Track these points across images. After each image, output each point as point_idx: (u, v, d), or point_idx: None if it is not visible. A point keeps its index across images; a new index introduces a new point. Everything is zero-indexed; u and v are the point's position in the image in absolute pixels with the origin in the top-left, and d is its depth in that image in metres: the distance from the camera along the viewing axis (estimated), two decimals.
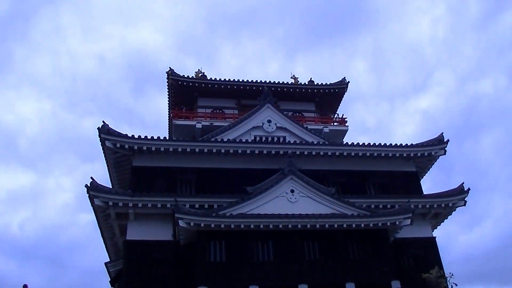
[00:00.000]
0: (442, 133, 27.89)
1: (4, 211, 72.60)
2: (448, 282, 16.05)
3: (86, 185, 22.33)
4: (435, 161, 28.41)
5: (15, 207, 75.92)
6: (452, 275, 16.02)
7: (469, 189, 26.11)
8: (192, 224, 21.07)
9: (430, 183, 71.38)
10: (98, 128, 24.09)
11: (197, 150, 24.76)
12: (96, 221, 24.54)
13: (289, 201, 23.02)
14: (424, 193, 27.02)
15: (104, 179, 25.72)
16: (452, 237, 70.32)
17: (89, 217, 79.23)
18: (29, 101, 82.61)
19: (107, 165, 26.12)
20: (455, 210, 26.70)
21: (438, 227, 28.16)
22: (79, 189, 58.53)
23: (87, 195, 22.46)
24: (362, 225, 22.80)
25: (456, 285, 15.76)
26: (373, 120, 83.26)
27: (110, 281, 25.83)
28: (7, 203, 73.33)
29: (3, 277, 61.11)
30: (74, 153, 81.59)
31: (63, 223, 75.47)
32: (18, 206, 76.45)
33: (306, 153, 25.78)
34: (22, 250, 70.16)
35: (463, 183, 26.41)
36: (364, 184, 26.70)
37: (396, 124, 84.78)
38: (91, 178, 22.65)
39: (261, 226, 21.73)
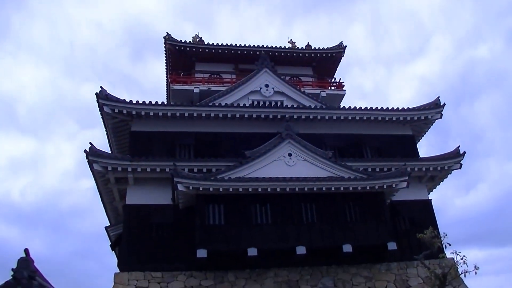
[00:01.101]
0: (439, 97, 27.99)
1: (5, 178, 73.10)
2: (442, 242, 16.36)
3: (85, 151, 22.49)
4: (431, 124, 28.58)
5: (16, 174, 76.45)
6: (446, 235, 16.32)
7: (464, 152, 26.35)
8: (191, 188, 21.32)
9: (427, 147, 71.93)
10: (96, 94, 24.12)
11: (195, 114, 24.86)
12: (96, 186, 24.75)
13: (287, 165, 23.24)
14: (421, 156, 27.29)
15: (104, 146, 25.87)
16: (448, 201, 71.20)
17: (89, 182, 79.92)
18: (27, 68, 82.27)
19: (106, 131, 26.23)
20: (450, 173, 26.98)
21: (434, 190, 28.56)
22: (79, 155, 58.92)
23: (87, 160, 22.61)
24: (359, 188, 23.08)
25: (450, 244, 16.05)
26: (371, 85, 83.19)
27: (110, 245, 26.23)
28: (8, 170, 73.79)
29: (5, 243, 62.09)
30: (73, 120, 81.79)
31: (63, 189, 76.20)
32: (19, 173, 77.00)
33: (303, 117, 25.91)
34: (23, 216, 71.03)
35: (459, 146, 26.65)
36: (361, 148, 26.90)
37: (393, 89, 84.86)
38: (90, 143, 22.82)
39: (259, 190, 21.98)
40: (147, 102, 24.55)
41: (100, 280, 65.43)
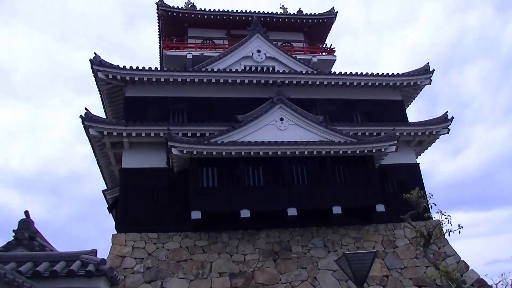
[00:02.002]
0: (428, 63, 28.33)
1: (4, 145, 73.33)
2: (428, 203, 16.91)
3: (81, 116, 22.79)
4: (420, 90, 29.00)
5: (14, 141, 76.61)
6: (432, 195, 16.85)
7: (452, 117, 26.88)
8: (184, 152, 21.81)
9: (416, 114, 72.62)
10: (90, 60, 24.25)
11: (188, 80, 25.12)
12: (92, 151, 25.15)
13: (279, 129, 23.72)
14: (409, 121, 27.82)
15: (99, 112, 26.22)
16: (436, 166, 72.35)
17: (86, 148, 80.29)
18: (22, 36, 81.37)
19: (101, 97, 26.46)
20: (438, 138, 27.55)
21: (422, 154, 29.16)
22: (75, 122, 59.08)
23: (82, 125, 22.96)
24: (349, 152, 23.66)
25: (435, 205, 16.57)
26: (361, 52, 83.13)
27: (108, 208, 26.77)
28: (6, 137, 73.96)
29: (6, 207, 62.89)
30: (69, 87, 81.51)
31: (61, 155, 76.60)
32: (17, 140, 77.08)
33: (295, 82, 26.24)
34: (22, 182, 71.66)
35: (447, 111, 27.17)
36: (351, 113, 27.32)
37: (383, 57, 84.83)
38: (86, 109, 23.08)
39: (252, 153, 22.51)
40: (140, 68, 24.75)
41: (99, 242, 66.87)
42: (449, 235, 16.02)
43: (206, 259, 21.70)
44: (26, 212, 15.84)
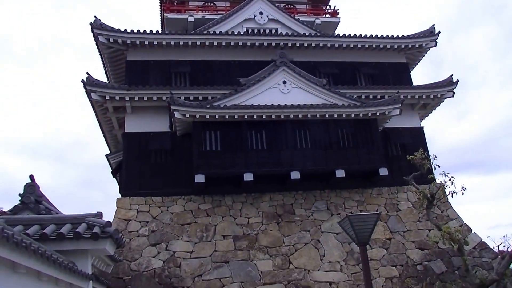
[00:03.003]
0: (434, 24, 27.87)
1: (7, 112, 73.39)
2: (431, 165, 16.86)
3: (82, 80, 22.62)
4: (426, 53, 28.61)
5: (17, 109, 76.64)
6: (436, 157, 16.78)
7: (457, 80, 26.59)
8: (187, 115, 21.74)
9: (421, 77, 71.95)
10: (91, 23, 23.92)
11: (189, 43, 24.80)
12: (95, 116, 25.08)
13: (282, 92, 23.54)
14: (414, 84, 27.57)
15: (101, 77, 26.03)
16: (440, 130, 72.17)
17: (89, 114, 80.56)
18: (20, 2, 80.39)
19: (102, 62, 26.25)
20: (443, 101, 27.34)
21: (426, 118, 29.00)
22: (77, 88, 58.88)
23: (84, 90, 22.83)
24: (353, 115, 23.54)
25: (439, 166, 16.54)
26: (365, 14, 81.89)
27: (111, 172, 26.89)
28: (9, 105, 73.97)
29: (12, 174, 63.39)
30: (70, 54, 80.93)
31: (64, 121, 76.77)
32: (20, 107, 77.04)
33: (298, 44, 25.90)
34: (27, 149, 72.02)
35: (452, 75, 26.85)
36: (355, 75, 27.06)
37: (388, 19, 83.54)
38: (87, 73, 22.85)
39: (255, 117, 22.42)
40: (141, 31, 24.40)
41: (104, 206, 67.60)
42: (452, 196, 16.09)
43: (210, 222, 21.89)
44: (31, 176, 15.92)
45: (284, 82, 23.78)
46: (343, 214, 22.60)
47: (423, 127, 26.87)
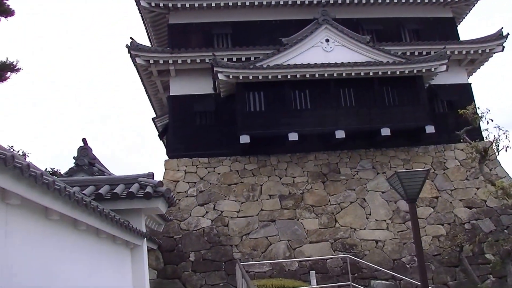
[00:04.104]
0: None
1: (54, 86, 75.13)
2: (484, 118, 16.35)
3: (126, 45, 22.90)
4: (473, 6, 27.51)
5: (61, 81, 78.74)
6: (489, 110, 16.25)
7: (508, 34, 25.55)
8: (231, 76, 21.78)
9: (468, 32, 69.27)
10: None
11: (230, 3, 24.57)
12: (140, 80, 25.46)
13: (324, 51, 23.22)
14: (461, 39, 26.72)
15: (144, 42, 26.30)
16: (488, 87, 69.94)
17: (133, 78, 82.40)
18: None
19: (145, 26, 26.46)
20: (492, 56, 26.39)
21: (474, 73, 28.21)
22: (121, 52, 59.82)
23: (129, 55, 23.14)
24: (397, 72, 23.04)
25: (492, 120, 16.05)
26: None
27: (158, 135, 27.41)
28: (54, 78, 75.77)
29: (64, 137, 65.52)
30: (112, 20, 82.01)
31: (110, 85, 78.67)
32: (64, 77, 78.92)
33: (340, 1, 25.26)
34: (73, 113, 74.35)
35: (502, 28, 25.81)
36: (399, 31, 26.37)
37: None
38: (131, 38, 23.07)
39: (298, 76, 22.24)
40: None
41: (152, 169, 69.26)
42: (506, 151, 15.70)
43: (256, 182, 22.15)
44: (84, 140, 16.44)
45: (327, 40, 23.43)
46: (388, 173, 22.44)
47: (470, 84, 26.13)
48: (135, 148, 78.36)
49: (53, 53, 77.91)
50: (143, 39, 35.88)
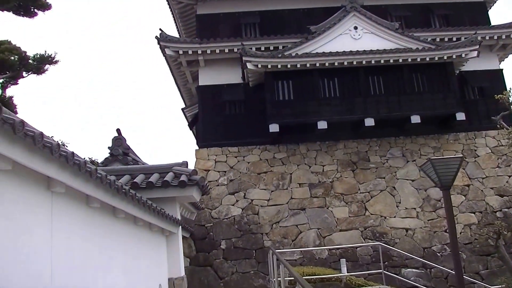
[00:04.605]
0: None
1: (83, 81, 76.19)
2: None
3: (156, 37, 23.11)
4: None
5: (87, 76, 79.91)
6: None
7: None
8: (259, 66, 21.84)
9: (500, 16, 67.64)
10: None
11: None
12: (170, 71, 25.71)
13: (353, 38, 23.07)
14: (492, 24, 26.21)
15: (172, 33, 26.58)
16: None
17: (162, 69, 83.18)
18: None
19: (173, 17, 26.69)
20: None
21: (505, 59, 27.68)
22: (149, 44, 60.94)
23: (159, 46, 23.38)
24: (427, 59, 22.74)
25: None
26: None
27: (188, 125, 27.69)
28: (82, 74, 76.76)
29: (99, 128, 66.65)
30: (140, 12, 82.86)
31: (138, 78, 79.37)
32: (91, 72, 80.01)
33: None
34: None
35: None
36: (428, 17, 25.95)
37: None
38: (160, 29, 23.27)
39: (326, 64, 22.15)
40: None
41: (183, 158, 70.13)
42: None
43: (285, 170, 22.26)
44: (118, 130, 16.73)
45: (355, 28, 23.27)
46: (418, 161, 22.31)
47: (502, 69, 25.65)
48: (164, 138, 79.41)
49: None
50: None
